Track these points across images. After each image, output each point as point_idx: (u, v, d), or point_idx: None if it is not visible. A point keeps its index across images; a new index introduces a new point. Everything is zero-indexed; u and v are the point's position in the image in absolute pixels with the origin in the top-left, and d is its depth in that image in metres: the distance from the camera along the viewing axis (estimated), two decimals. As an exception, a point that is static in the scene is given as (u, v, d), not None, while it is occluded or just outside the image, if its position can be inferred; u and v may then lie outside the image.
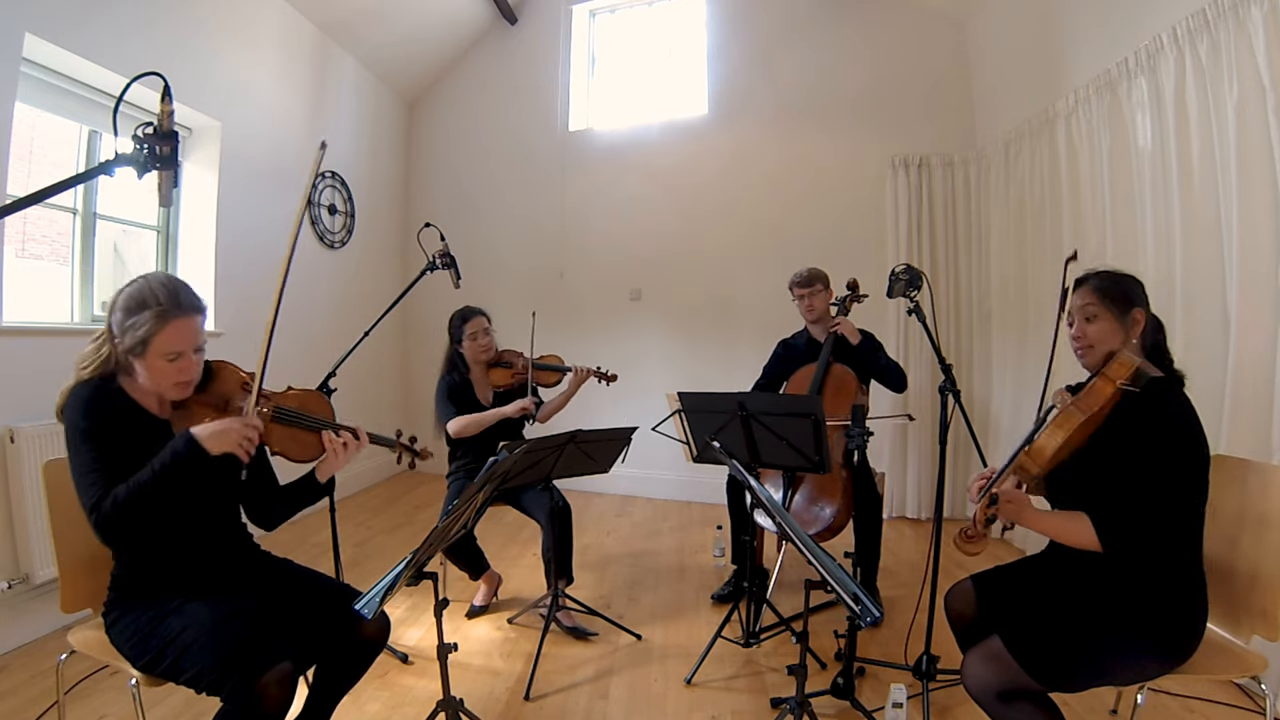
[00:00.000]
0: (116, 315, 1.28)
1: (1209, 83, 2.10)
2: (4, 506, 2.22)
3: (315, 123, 4.03)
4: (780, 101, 4.28)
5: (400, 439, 1.78)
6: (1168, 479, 1.23)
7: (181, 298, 1.29)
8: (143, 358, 1.27)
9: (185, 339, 1.29)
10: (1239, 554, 1.43)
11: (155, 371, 1.28)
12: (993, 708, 1.29)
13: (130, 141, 1.04)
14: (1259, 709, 1.81)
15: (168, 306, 1.26)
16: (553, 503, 2.32)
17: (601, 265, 4.62)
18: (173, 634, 1.24)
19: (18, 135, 2.35)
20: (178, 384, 1.32)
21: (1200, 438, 1.27)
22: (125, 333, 1.26)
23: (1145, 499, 1.23)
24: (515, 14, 4.81)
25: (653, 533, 3.68)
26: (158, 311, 1.25)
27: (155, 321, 1.25)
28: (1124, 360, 1.29)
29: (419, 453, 1.82)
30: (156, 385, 1.31)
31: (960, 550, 1.34)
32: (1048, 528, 1.36)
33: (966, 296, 3.84)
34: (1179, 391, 1.31)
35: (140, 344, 1.26)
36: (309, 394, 1.58)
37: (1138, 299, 1.38)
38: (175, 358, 1.28)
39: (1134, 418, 1.27)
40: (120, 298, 1.29)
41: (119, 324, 1.27)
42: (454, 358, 2.63)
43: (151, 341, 1.25)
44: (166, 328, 1.26)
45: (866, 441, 1.96)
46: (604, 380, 2.71)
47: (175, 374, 1.29)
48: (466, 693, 1.93)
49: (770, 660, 2.21)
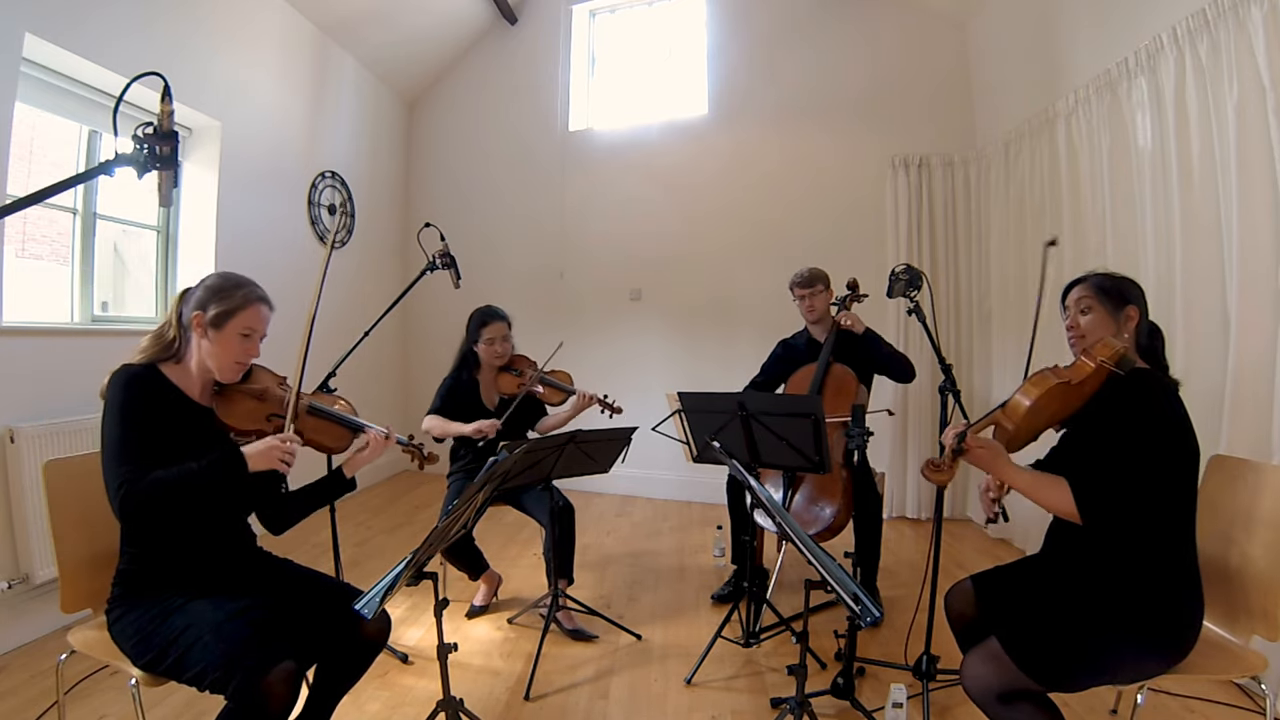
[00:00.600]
0: (199, 295, 1.41)
1: (1209, 83, 2.10)
2: (4, 506, 2.22)
3: (315, 123, 4.03)
4: (780, 101, 4.28)
5: (412, 441, 1.89)
6: (1149, 459, 1.25)
7: (261, 289, 1.47)
8: (220, 330, 1.39)
9: (260, 321, 1.45)
10: (1239, 554, 1.43)
11: (225, 347, 1.40)
12: (992, 709, 1.29)
13: (130, 141, 1.04)
14: (1259, 709, 1.81)
15: (258, 290, 1.46)
16: (553, 502, 2.32)
17: (601, 265, 4.62)
18: (176, 632, 1.25)
19: (18, 135, 2.35)
20: (238, 363, 1.44)
21: (1185, 426, 1.28)
22: (211, 305, 1.39)
23: (1126, 476, 1.25)
24: (515, 14, 4.81)
25: (653, 533, 3.68)
26: (249, 291, 1.43)
27: (246, 299, 1.42)
28: (1107, 342, 1.33)
29: (427, 457, 1.92)
30: (220, 360, 1.41)
31: (926, 477, 1.42)
32: (1023, 484, 1.37)
33: (966, 296, 3.84)
34: (1163, 380, 1.33)
35: (226, 315, 1.39)
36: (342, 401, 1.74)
37: (1132, 298, 1.42)
38: (249, 335, 1.42)
39: (1118, 400, 1.30)
40: (206, 281, 1.43)
41: (201, 300, 1.39)
42: (467, 355, 2.62)
43: (237, 314, 1.40)
44: (252, 306, 1.43)
45: (866, 441, 1.96)
46: (608, 411, 2.61)
47: (242, 352, 1.43)
48: (466, 693, 1.93)
49: (770, 660, 2.21)
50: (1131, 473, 1.24)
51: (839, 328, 2.56)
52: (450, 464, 2.64)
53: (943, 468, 1.42)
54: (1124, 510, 1.24)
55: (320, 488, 1.64)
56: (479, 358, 2.60)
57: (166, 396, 1.36)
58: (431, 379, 2.69)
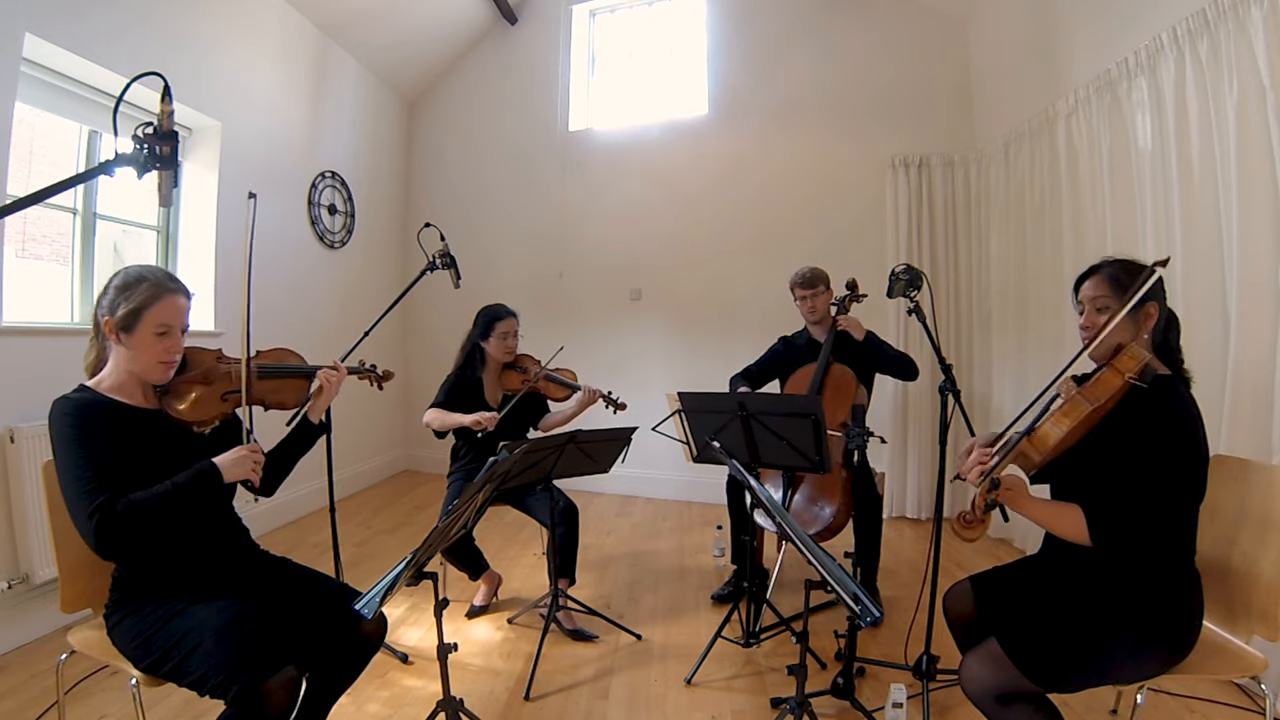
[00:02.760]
0: (108, 296, 1.33)
1: (1209, 83, 2.09)
2: (4, 506, 2.22)
3: (315, 123, 4.03)
4: (781, 101, 4.28)
5: (365, 366, 2.03)
6: (1164, 482, 1.22)
7: (173, 279, 1.38)
8: (132, 333, 1.31)
9: (175, 315, 1.35)
10: (1239, 554, 1.43)
11: (143, 348, 1.32)
12: (991, 709, 1.29)
13: (130, 141, 1.04)
14: (1259, 709, 1.81)
15: (163, 281, 1.35)
16: (553, 502, 2.32)
17: (601, 265, 4.62)
18: (177, 636, 1.25)
19: (18, 135, 2.35)
20: (162, 363, 1.36)
21: (1201, 440, 1.26)
22: (119, 306, 1.30)
23: (1140, 500, 1.22)
24: (515, 14, 4.81)
25: (653, 533, 3.68)
26: (153, 283, 1.33)
27: (150, 293, 1.32)
28: (1133, 353, 1.27)
29: (382, 375, 2.06)
30: (143, 365, 1.34)
31: (959, 536, 1.30)
32: (1040, 515, 1.33)
33: (966, 296, 3.84)
34: (1185, 392, 1.30)
35: (133, 315, 1.30)
36: (280, 350, 1.69)
37: (1151, 291, 1.32)
38: (165, 332, 1.33)
39: (1138, 414, 1.26)
40: (112, 280, 1.34)
41: (107, 302, 1.32)
42: (473, 351, 2.61)
43: (145, 313, 1.31)
44: (160, 300, 1.32)
45: (867, 441, 1.96)
46: (612, 407, 2.63)
47: (162, 351, 1.34)
48: (466, 693, 1.93)
49: (770, 660, 2.21)
50: (1145, 500, 1.22)
51: (838, 328, 2.56)
52: (450, 464, 2.65)
53: (975, 523, 1.28)
54: (1134, 537, 1.22)
55: (294, 440, 1.62)
56: (485, 355, 2.60)
57: (108, 414, 1.30)
58: (431, 379, 2.69)
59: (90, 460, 1.23)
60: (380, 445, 4.71)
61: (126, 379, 1.36)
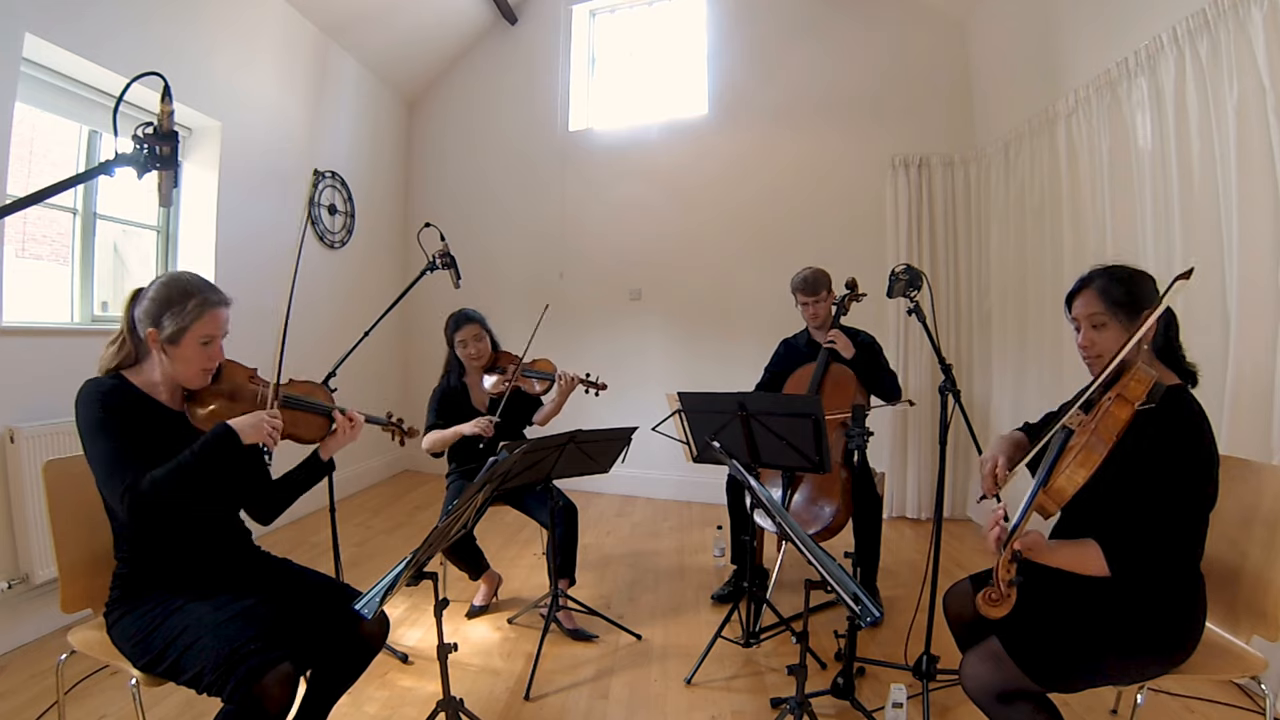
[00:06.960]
0: (147, 307, 1.36)
1: (1209, 83, 2.09)
2: (4, 506, 2.22)
3: (315, 123, 4.03)
4: (780, 101, 4.28)
5: (390, 419, 1.98)
6: (1178, 499, 1.21)
7: (216, 290, 1.43)
8: (177, 344, 1.36)
9: (220, 325, 1.42)
10: (1239, 554, 1.42)
11: (186, 358, 1.37)
12: (991, 708, 1.29)
13: (130, 141, 1.04)
14: (1259, 709, 1.81)
15: (210, 295, 1.40)
16: (553, 502, 2.32)
17: (601, 265, 4.62)
18: (174, 634, 1.25)
19: (18, 135, 2.35)
20: (204, 370, 1.42)
21: (1212, 448, 1.24)
22: (165, 322, 1.35)
23: (1155, 524, 1.20)
24: (515, 14, 4.81)
25: (653, 533, 3.68)
26: (201, 299, 1.38)
27: (199, 308, 1.37)
28: (1140, 378, 1.18)
29: (407, 431, 2.01)
30: (184, 371, 1.39)
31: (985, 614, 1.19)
32: (1062, 561, 1.27)
33: (966, 296, 3.84)
34: (1192, 402, 1.28)
35: (181, 330, 1.35)
36: (311, 384, 1.71)
37: (1147, 301, 1.31)
38: (209, 342, 1.39)
39: (1146, 433, 1.22)
40: (152, 291, 1.38)
41: (151, 314, 1.35)
42: (451, 361, 2.63)
43: (192, 327, 1.36)
44: (207, 314, 1.38)
45: (867, 441, 1.96)
46: (592, 390, 2.60)
47: (205, 359, 1.40)
48: (466, 693, 1.93)
49: (770, 660, 2.21)
50: (1160, 523, 1.20)
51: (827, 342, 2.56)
52: (450, 465, 2.64)
53: (1001, 600, 1.18)
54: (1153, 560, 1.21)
55: (301, 473, 1.62)
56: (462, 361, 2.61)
57: (139, 405, 1.36)
58: (431, 379, 2.68)
59: (119, 443, 1.28)
60: (380, 445, 4.69)
61: (161, 380, 1.41)
